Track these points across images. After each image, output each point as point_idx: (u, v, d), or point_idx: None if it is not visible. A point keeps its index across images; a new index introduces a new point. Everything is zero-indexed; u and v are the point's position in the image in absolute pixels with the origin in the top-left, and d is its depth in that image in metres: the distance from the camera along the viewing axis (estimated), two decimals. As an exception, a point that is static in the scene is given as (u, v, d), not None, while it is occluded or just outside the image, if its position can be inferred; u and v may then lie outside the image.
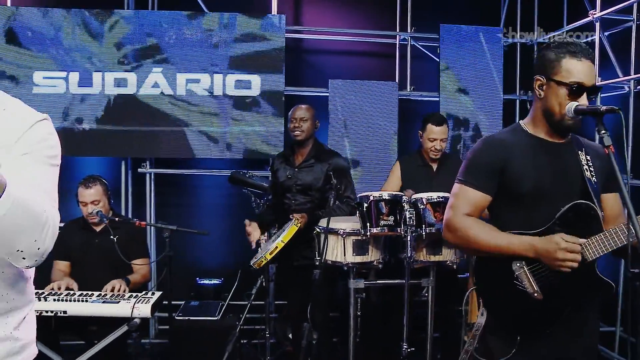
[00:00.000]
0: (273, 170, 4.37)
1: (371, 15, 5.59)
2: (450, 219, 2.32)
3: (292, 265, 4.15)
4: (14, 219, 1.26)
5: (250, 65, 5.07)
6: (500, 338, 2.33)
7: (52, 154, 1.48)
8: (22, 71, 4.91)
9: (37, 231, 1.33)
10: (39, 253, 1.35)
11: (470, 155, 2.37)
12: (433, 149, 4.17)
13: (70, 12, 4.94)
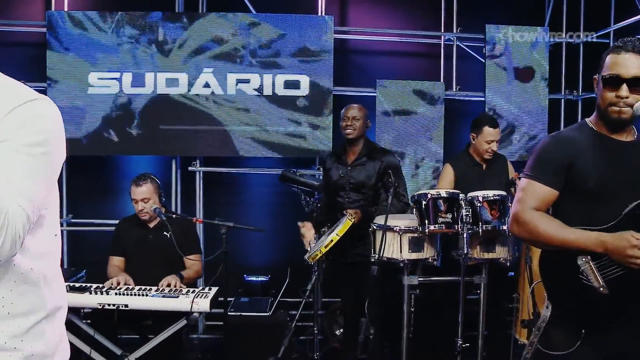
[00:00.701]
0: (325, 169, 4.43)
1: (416, 15, 5.62)
2: (518, 212, 2.34)
3: (345, 262, 4.21)
4: None
5: (299, 65, 5.15)
6: (564, 331, 2.35)
7: (34, 140, 1.32)
8: (78, 72, 5.05)
9: None
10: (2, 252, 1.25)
11: (539, 151, 2.40)
12: (489, 151, 4.21)
13: (124, 14, 5.06)
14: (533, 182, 2.33)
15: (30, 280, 1.40)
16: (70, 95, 5.07)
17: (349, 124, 4.17)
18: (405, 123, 5.31)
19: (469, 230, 3.57)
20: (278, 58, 5.16)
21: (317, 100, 5.18)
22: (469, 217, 3.56)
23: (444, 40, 5.55)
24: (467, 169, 4.31)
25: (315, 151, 5.25)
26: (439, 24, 5.52)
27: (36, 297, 1.41)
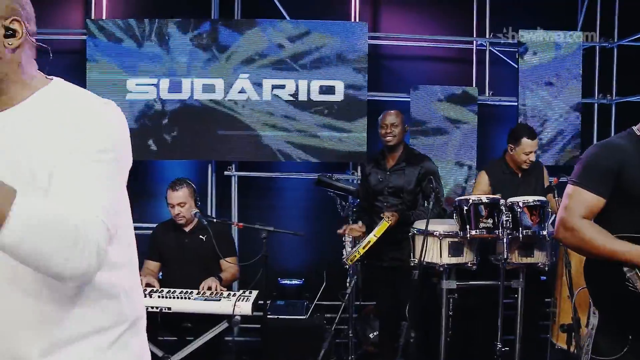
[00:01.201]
0: (364, 174, 4.48)
1: (448, 20, 5.65)
2: (566, 219, 2.36)
3: (381, 266, 4.26)
4: (31, 245, 1.11)
5: (334, 71, 5.22)
6: (611, 337, 2.37)
7: (103, 147, 1.28)
8: (116, 79, 5.15)
9: (65, 251, 1.15)
10: (79, 273, 1.18)
11: (586, 158, 2.41)
12: (527, 161, 4.24)
13: (162, 21, 5.17)
14: (580, 190, 2.35)
15: (110, 294, 1.38)
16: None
17: (388, 132, 4.22)
18: (438, 128, 5.34)
19: (509, 235, 3.61)
20: (313, 64, 5.22)
21: (351, 106, 5.23)
22: (509, 223, 3.60)
23: (476, 45, 5.57)
24: (502, 177, 4.33)
25: (349, 156, 5.30)
26: (471, 29, 5.55)
27: (118, 310, 1.39)
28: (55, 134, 1.26)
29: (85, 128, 1.27)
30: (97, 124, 1.29)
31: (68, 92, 1.36)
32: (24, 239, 1.09)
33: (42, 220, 1.12)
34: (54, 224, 1.13)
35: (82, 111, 1.30)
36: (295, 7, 5.42)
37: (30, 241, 1.09)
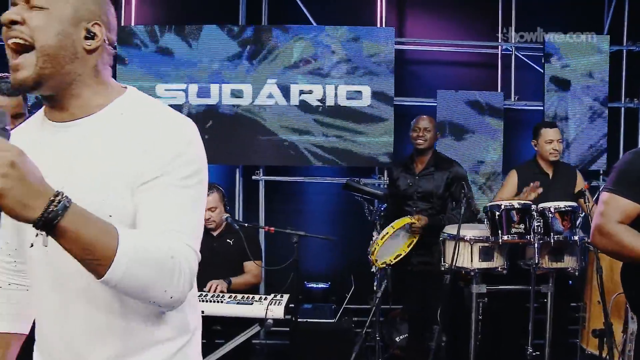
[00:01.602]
0: (393, 178, 4.51)
1: (473, 25, 5.66)
2: (603, 225, 2.38)
3: (410, 271, 4.28)
4: (133, 278, 1.14)
5: (361, 76, 5.26)
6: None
7: (189, 172, 1.27)
8: (146, 84, 5.24)
9: (164, 282, 1.18)
10: (174, 300, 1.22)
11: (622, 165, 2.44)
12: (552, 151, 4.24)
13: (191, 27, 5.25)
14: (616, 197, 2.37)
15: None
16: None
17: (420, 135, 4.26)
18: (464, 133, 5.36)
19: (540, 240, 3.62)
20: (340, 69, 5.27)
21: (378, 110, 5.27)
22: (541, 228, 3.61)
23: (501, 50, 5.58)
24: (532, 177, 4.33)
25: (376, 160, 5.33)
26: (496, 33, 5.55)
27: (182, 321, 1.41)
28: (136, 149, 1.25)
29: (174, 150, 1.26)
30: (185, 146, 1.27)
31: (146, 105, 1.36)
32: (127, 273, 1.12)
33: (143, 255, 1.15)
34: (154, 258, 1.16)
35: (168, 130, 1.28)
36: (321, 12, 5.48)
37: (133, 275, 1.13)
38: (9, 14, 1.21)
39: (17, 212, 1.02)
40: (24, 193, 1.02)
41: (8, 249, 1.48)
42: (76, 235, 1.07)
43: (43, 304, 1.35)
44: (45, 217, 1.03)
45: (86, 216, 1.10)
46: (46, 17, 1.22)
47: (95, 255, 1.09)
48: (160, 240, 1.19)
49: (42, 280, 1.33)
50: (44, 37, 1.22)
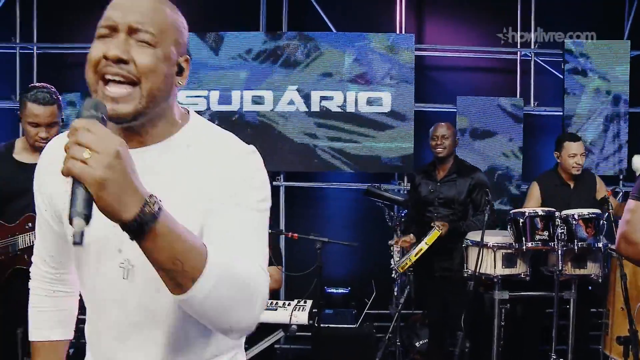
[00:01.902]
0: (414, 184, 4.53)
1: (491, 30, 5.66)
2: (629, 233, 2.40)
3: (432, 276, 4.31)
4: (217, 299, 1.09)
5: (381, 82, 5.30)
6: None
7: (259, 197, 1.26)
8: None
9: (245, 305, 1.15)
10: (249, 326, 1.18)
11: None
12: (575, 165, 4.24)
13: (211, 35, 5.31)
14: None
15: None
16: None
17: (439, 143, 4.28)
18: (484, 139, 5.38)
19: (564, 247, 3.64)
20: (360, 75, 5.30)
21: (398, 117, 5.30)
22: (565, 235, 3.63)
23: (520, 55, 5.60)
24: (554, 188, 4.35)
25: (396, 166, 5.36)
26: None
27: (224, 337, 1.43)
28: (206, 174, 1.24)
29: (244, 175, 1.25)
30: (254, 172, 1.28)
31: (212, 132, 1.35)
32: (214, 291, 1.07)
33: (228, 274, 1.10)
34: (238, 279, 1.12)
35: (237, 157, 1.28)
36: (341, 19, 5.52)
37: (218, 294, 1.08)
38: (115, 50, 1.15)
39: (113, 208, 0.95)
40: (124, 188, 0.95)
41: (52, 261, 1.50)
42: (168, 242, 1.01)
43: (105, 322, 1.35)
44: (141, 218, 0.97)
45: (177, 223, 1.04)
46: (154, 57, 1.19)
47: (184, 267, 1.03)
48: (240, 262, 1.14)
49: (106, 300, 1.33)
50: (152, 79, 1.19)
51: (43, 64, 5.70)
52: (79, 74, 5.62)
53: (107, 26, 1.18)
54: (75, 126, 0.95)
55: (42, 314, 1.52)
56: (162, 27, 1.21)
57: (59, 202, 1.34)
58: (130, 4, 1.20)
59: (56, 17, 5.68)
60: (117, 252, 1.26)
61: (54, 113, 2.99)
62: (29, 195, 2.98)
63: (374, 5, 5.69)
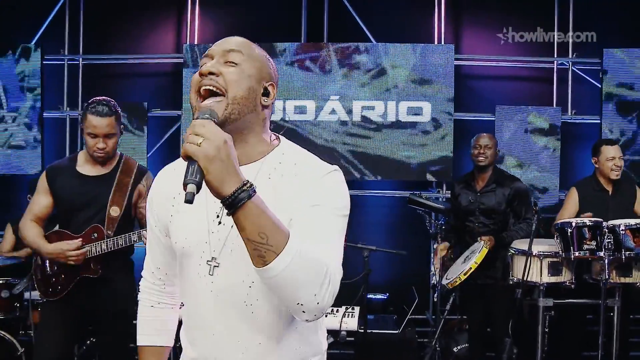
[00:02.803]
0: (454, 195, 4.61)
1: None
2: None
3: (475, 284, 4.39)
4: (293, 273, 1.26)
5: (421, 92, 5.41)
6: None
7: (341, 205, 1.46)
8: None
9: (316, 286, 1.30)
10: (319, 308, 1.33)
11: None
12: (614, 167, 4.30)
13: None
14: None
15: (313, 328, 1.57)
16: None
17: (482, 152, 4.36)
18: (522, 147, 5.45)
19: (611, 257, 3.71)
20: (401, 85, 5.41)
21: (438, 126, 5.41)
22: (612, 244, 3.70)
23: (556, 64, 5.66)
24: (592, 193, 4.41)
25: (436, 174, 5.46)
26: (552, 48, 5.64)
27: (317, 342, 1.59)
28: (296, 188, 1.44)
29: (332, 188, 1.46)
30: (340, 186, 1.48)
31: (300, 153, 1.56)
32: (290, 266, 1.25)
33: (306, 254, 1.28)
34: (313, 261, 1.30)
35: (324, 171, 1.48)
36: (380, 30, 5.63)
37: (293, 270, 1.25)
38: (209, 67, 1.43)
39: (217, 183, 1.20)
40: (226, 169, 1.20)
41: (159, 273, 1.69)
42: (257, 217, 1.23)
43: (203, 325, 1.52)
44: (237, 195, 1.20)
45: (267, 207, 1.26)
46: (238, 73, 1.44)
47: (269, 241, 1.23)
48: (318, 251, 1.33)
49: (204, 304, 1.50)
50: (236, 89, 1.42)
51: (88, 75, 5.88)
52: (121, 85, 5.84)
53: (206, 56, 1.50)
54: (194, 123, 1.23)
55: (148, 322, 1.72)
56: (248, 54, 1.48)
57: (164, 220, 1.59)
58: (227, 40, 1.51)
59: (101, 30, 5.87)
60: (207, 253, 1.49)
61: (112, 124, 3.10)
62: (93, 206, 3.12)
63: (412, 16, 5.80)
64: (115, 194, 3.16)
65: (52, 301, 3.18)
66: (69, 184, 3.17)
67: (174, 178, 1.56)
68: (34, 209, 3.23)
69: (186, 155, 1.20)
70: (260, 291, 1.45)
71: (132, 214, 3.26)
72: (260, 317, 1.47)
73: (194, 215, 1.51)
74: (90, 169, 3.20)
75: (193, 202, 1.18)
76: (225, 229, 1.47)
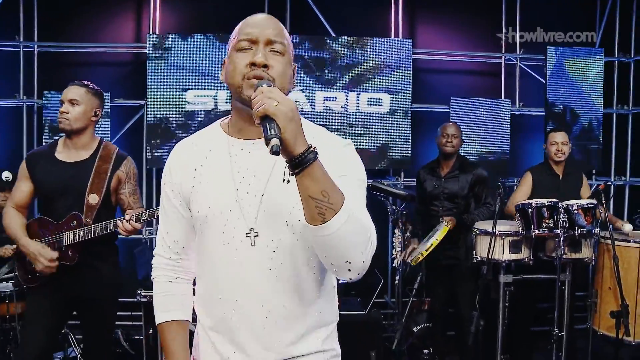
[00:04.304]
0: (419, 181, 4.87)
1: (479, 36, 6.08)
2: None
3: (440, 265, 4.65)
4: (347, 232, 1.35)
5: (381, 84, 5.63)
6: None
7: (363, 175, 1.57)
8: (176, 90, 5.51)
9: (364, 245, 1.40)
10: (363, 266, 1.43)
11: None
12: (556, 151, 4.67)
13: (215, 36, 5.52)
14: None
15: (333, 295, 1.70)
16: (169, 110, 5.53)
17: (449, 141, 4.63)
18: (475, 137, 5.78)
19: (565, 233, 4.05)
20: (361, 77, 5.63)
21: (397, 116, 5.65)
22: (566, 222, 4.03)
23: (504, 60, 6.04)
24: (545, 177, 4.76)
25: (396, 163, 5.71)
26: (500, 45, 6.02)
27: (335, 308, 1.71)
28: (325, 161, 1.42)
29: (354, 158, 1.59)
30: (358, 157, 1.62)
31: (314, 127, 1.65)
32: (345, 225, 1.34)
33: (357, 215, 1.39)
34: (360, 222, 1.40)
35: (346, 145, 1.62)
36: (339, 24, 5.81)
37: (348, 228, 1.35)
38: (262, 58, 1.50)
39: (291, 141, 1.29)
40: (298, 130, 1.31)
41: (176, 246, 1.73)
42: (320, 177, 1.33)
43: (225, 292, 1.59)
44: (306, 155, 1.31)
45: (325, 169, 1.36)
46: (284, 63, 1.55)
47: (329, 200, 1.33)
48: (361, 214, 1.43)
49: (227, 271, 1.58)
50: (283, 80, 1.54)
51: (44, 62, 5.77)
52: (80, 73, 5.73)
53: (248, 40, 1.54)
54: (262, 89, 1.34)
55: (167, 297, 1.75)
56: (286, 42, 1.57)
57: (186, 190, 1.64)
58: (265, 23, 1.56)
59: (55, 16, 5.76)
60: (241, 223, 1.56)
61: (79, 93, 3.13)
62: (71, 193, 3.15)
63: (370, 11, 6.00)
64: (93, 181, 3.11)
65: (36, 288, 3.15)
66: (48, 170, 3.13)
67: (195, 151, 1.65)
68: (15, 196, 3.20)
69: (265, 114, 1.29)
70: (283, 255, 1.55)
71: (112, 200, 3.22)
72: (283, 281, 1.56)
73: (217, 186, 1.59)
74: (68, 155, 3.16)
75: (280, 154, 1.28)
76: (249, 198, 1.56)
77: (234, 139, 1.62)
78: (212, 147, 1.65)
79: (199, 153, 1.65)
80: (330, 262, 1.42)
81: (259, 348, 1.58)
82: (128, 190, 3.24)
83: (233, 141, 1.62)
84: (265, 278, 1.56)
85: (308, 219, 1.36)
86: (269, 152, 1.27)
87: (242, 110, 1.59)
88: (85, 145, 3.19)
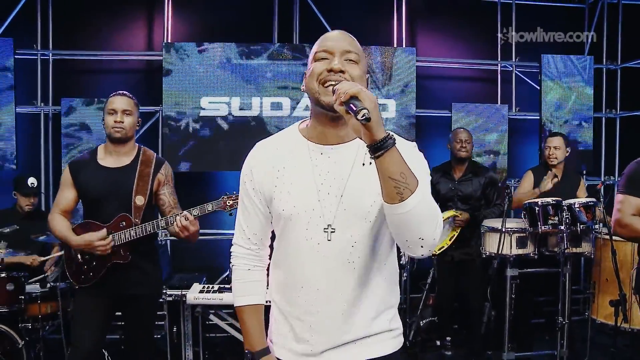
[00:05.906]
0: (432, 183, 5.11)
1: (476, 44, 6.40)
2: (620, 219, 3.18)
3: (452, 261, 4.94)
4: (421, 210, 1.50)
5: (387, 91, 5.92)
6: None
7: (428, 170, 1.74)
8: (191, 96, 5.72)
9: (434, 222, 1.55)
10: (433, 243, 1.57)
11: (629, 173, 3.24)
12: (548, 155, 5.02)
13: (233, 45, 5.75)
14: (628, 197, 3.18)
15: (396, 277, 1.86)
16: (182, 116, 5.75)
17: (463, 146, 4.92)
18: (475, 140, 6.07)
19: (568, 230, 4.36)
20: (370, 84, 5.85)
21: (402, 121, 5.94)
22: (569, 219, 4.35)
23: (500, 67, 6.36)
24: (544, 177, 5.08)
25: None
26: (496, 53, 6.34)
27: (397, 292, 1.88)
28: None
29: (422, 159, 1.76)
30: (423, 157, 1.77)
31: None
32: (420, 203, 1.50)
33: (429, 196, 1.57)
34: (431, 203, 1.56)
35: (414, 147, 1.78)
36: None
37: (422, 207, 1.51)
38: (338, 65, 1.67)
39: (376, 125, 1.44)
40: (380, 117, 1.45)
41: (255, 238, 1.89)
42: (398, 160, 1.48)
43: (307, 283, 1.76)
44: (387, 140, 1.45)
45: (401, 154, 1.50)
46: (359, 69, 1.72)
47: (407, 180, 1.47)
48: None
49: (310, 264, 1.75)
50: (361, 84, 1.63)
51: (59, 70, 5.92)
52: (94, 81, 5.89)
53: (325, 51, 1.72)
54: (346, 83, 1.54)
55: (245, 284, 1.91)
56: (360, 53, 1.74)
57: (267, 188, 1.79)
58: (340, 37, 1.75)
59: (70, 25, 5.92)
60: (322, 220, 1.73)
61: (130, 104, 3.34)
62: (118, 197, 3.39)
63: (374, 20, 6.27)
64: (138, 184, 3.30)
65: (84, 288, 3.30)
66: (93, 176, 3.30)
67: (276, 154, 1.80)
68: (60, 203, 3.37)
69: (354, 95, 1.45)
70: (361, 249, 1.72)
71: (152, 201, 3.40)
72: (359, 271, 1.73)
73: (301, 187, 1.74)
74: (111, 161, 3.35)
75: (370, 121, 1.43)
76: (330, 198, 1.72)
77: (313, 144, 1.77)
78: (292, 150, 1.79)
79: (281, 156, 1.79)
80: (405, 239, 1.57)
81: (335, 331, 1.76)
82: (168, 192, 3.45)
83: (313, 146, 1.77)
84: (345, 270, 1.73)
85: (387, 199, 1.51)
86: (359, 120, 1.42)
87: (321, 115, 1.74)
88: (127, 152, 3.39)
